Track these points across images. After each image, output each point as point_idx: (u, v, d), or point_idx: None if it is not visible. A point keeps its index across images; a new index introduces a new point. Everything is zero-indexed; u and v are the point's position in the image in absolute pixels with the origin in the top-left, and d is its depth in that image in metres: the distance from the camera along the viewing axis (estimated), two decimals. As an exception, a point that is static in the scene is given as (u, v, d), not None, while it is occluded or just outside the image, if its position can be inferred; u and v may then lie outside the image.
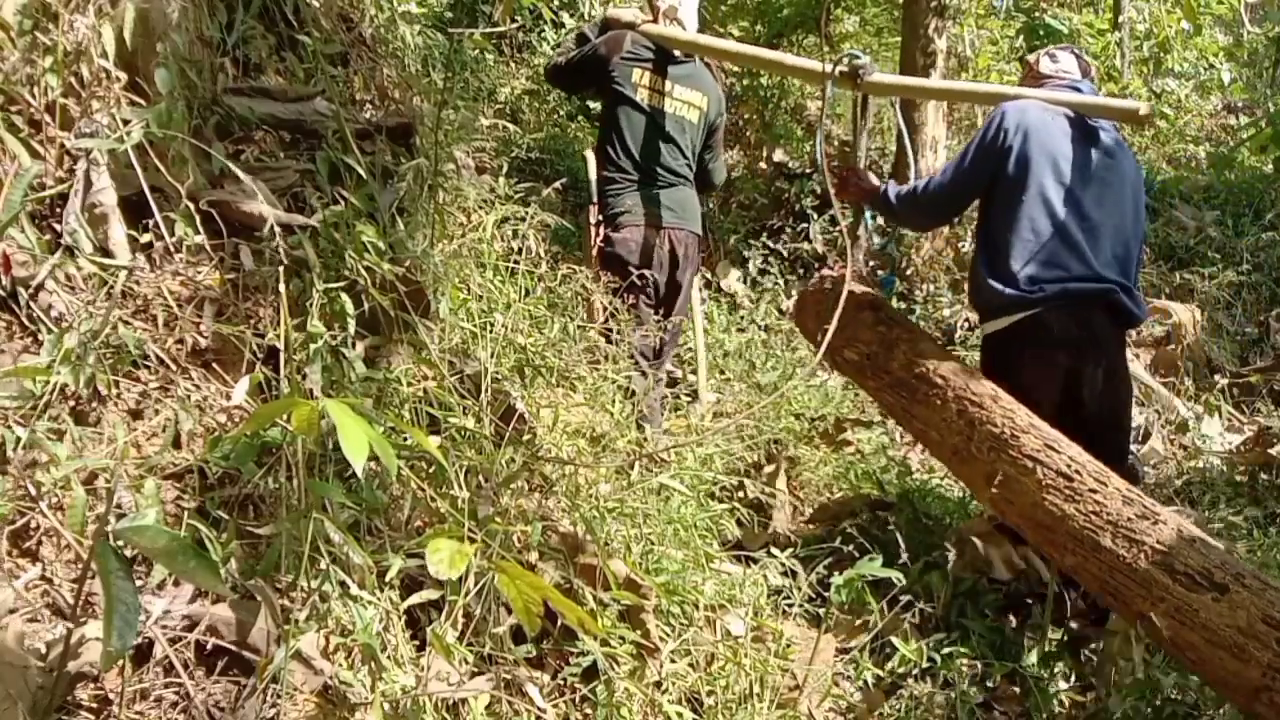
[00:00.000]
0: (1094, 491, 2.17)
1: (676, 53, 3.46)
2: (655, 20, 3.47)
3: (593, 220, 3.42)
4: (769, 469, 3.42)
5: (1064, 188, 2.63)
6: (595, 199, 3.44)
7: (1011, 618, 2.69)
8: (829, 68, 2.89)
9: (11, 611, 1.45)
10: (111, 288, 1.79)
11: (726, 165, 4.35)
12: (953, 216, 3.37)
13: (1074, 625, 2.67)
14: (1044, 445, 2.30)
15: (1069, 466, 2.23)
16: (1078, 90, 2.78)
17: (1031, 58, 3.05)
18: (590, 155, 3.58)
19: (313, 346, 1.88)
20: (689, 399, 3.76)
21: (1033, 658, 2.50)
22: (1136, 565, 2.04)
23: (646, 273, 3.34)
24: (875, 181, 2.99)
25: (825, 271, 3.47)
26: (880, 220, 3.19)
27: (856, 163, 3.11)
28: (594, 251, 3.38)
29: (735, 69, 7.07)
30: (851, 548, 2.43)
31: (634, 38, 3.43)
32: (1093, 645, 2.59)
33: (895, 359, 2.67)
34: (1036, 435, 2.33)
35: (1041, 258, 2.58)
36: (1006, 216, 2.65)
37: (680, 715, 1.91)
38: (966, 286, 3.24)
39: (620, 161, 3.38)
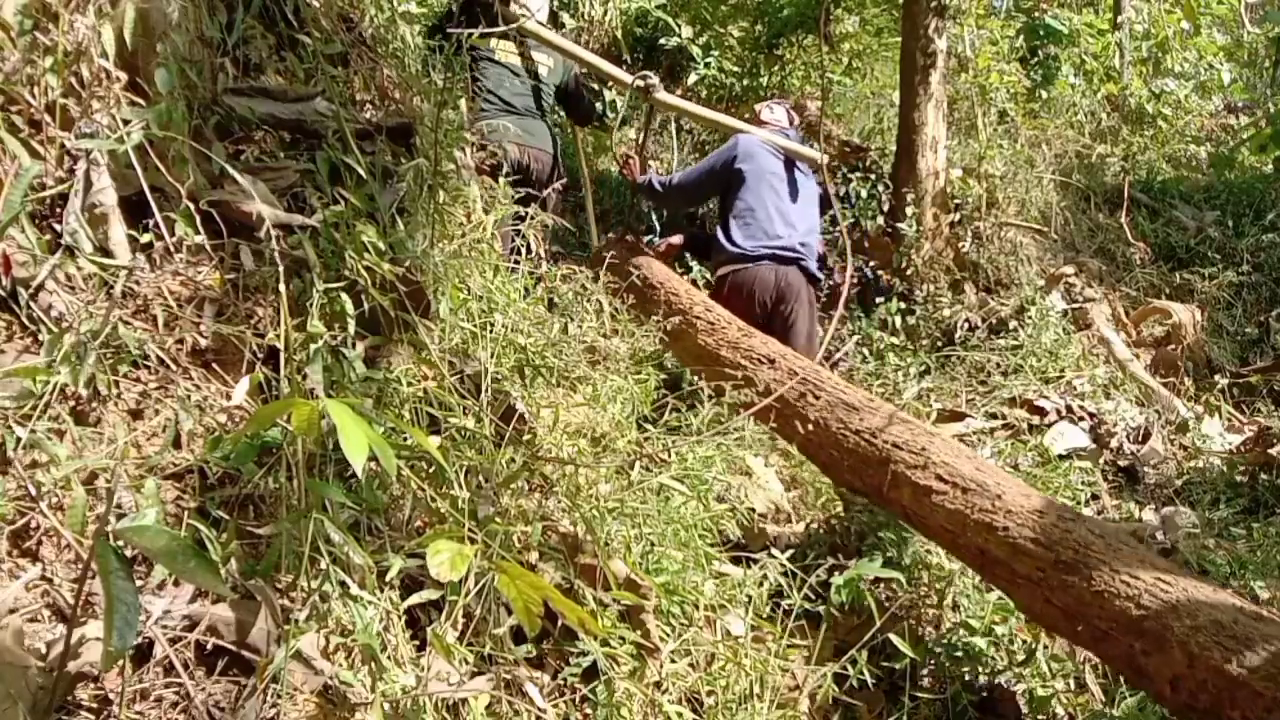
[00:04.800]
0: (723, 329, 3.47)
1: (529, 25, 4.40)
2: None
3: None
4: (770, 468, 3.41)
5: (774, 191, 4.20)
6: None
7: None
8: (632, 80, 4.44)
9: (11, 611, 1.45)
10: (111, 288, 1.79)
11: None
12: (693, 206, 5.53)
13: None
14: (705, 309, 3.65)
15: (715, 319, 3.54)
16: (787, 135, 4.49)
17: (757, 107, 4.81)
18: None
19: (313, 346, 1.89)
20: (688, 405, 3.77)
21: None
22: (721, 354, 3.30)
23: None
24: (640, 173, 4.62)
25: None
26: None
27: (644, 153, 4.77)
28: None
29: (736, 69, 7.09)
30: (851, 548, 2.45)
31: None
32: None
33: (638, 278, 3.91)
34: (701, 304, 3.70)
35: (757, 233, 4.12)
36: (736, 207, 4.19)
37: (680, 715, 1.91)
38: (710, 251, 4.47)
39: (487, 97, 4.37)
